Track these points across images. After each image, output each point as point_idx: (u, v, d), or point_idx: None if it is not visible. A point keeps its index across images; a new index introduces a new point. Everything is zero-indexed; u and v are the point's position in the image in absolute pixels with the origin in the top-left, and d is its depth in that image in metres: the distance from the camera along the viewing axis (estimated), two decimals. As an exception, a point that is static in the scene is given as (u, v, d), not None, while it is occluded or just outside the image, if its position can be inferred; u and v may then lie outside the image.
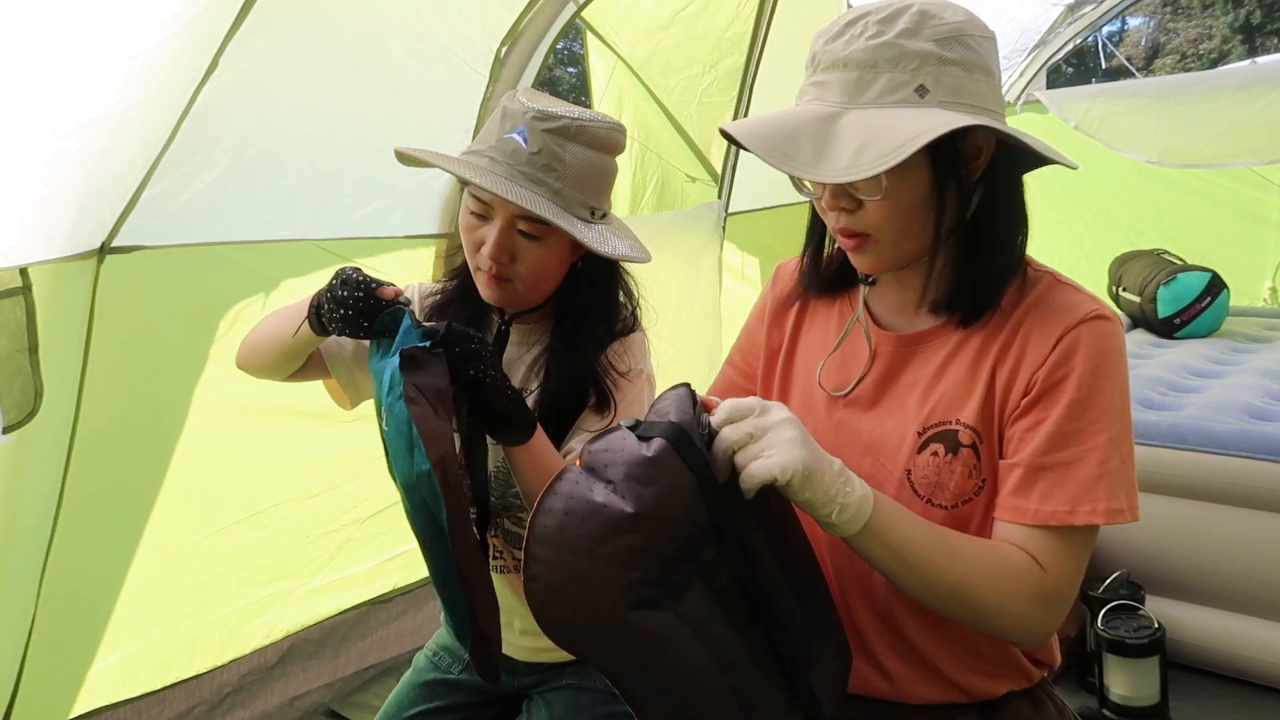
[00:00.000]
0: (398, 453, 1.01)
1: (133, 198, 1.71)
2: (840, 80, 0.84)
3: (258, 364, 1.29)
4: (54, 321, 1.60)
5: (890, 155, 0.78)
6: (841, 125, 0.82)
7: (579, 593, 0.74)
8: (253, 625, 2.12)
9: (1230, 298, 3.38)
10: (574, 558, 0.73)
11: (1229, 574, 2.19)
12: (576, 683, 1.34)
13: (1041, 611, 0.84)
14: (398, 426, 0.99)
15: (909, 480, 0.91)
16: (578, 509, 0.73)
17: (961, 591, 0.82)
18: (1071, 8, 3.88)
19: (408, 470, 1.00)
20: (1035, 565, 0.84)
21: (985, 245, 0.90)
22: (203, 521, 2.00)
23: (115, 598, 1.88)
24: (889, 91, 0.82)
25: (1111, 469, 0.83)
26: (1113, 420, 0.84)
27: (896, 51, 0.82)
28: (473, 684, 1.38)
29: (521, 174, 1.14)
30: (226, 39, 1.71)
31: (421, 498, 1.00)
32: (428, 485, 0.98)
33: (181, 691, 2.01)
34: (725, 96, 3.33)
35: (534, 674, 1.36)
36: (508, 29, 2.35)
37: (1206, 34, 14.56)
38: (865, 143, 0.79)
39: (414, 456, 0.98)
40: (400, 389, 0.99)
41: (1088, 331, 0.86)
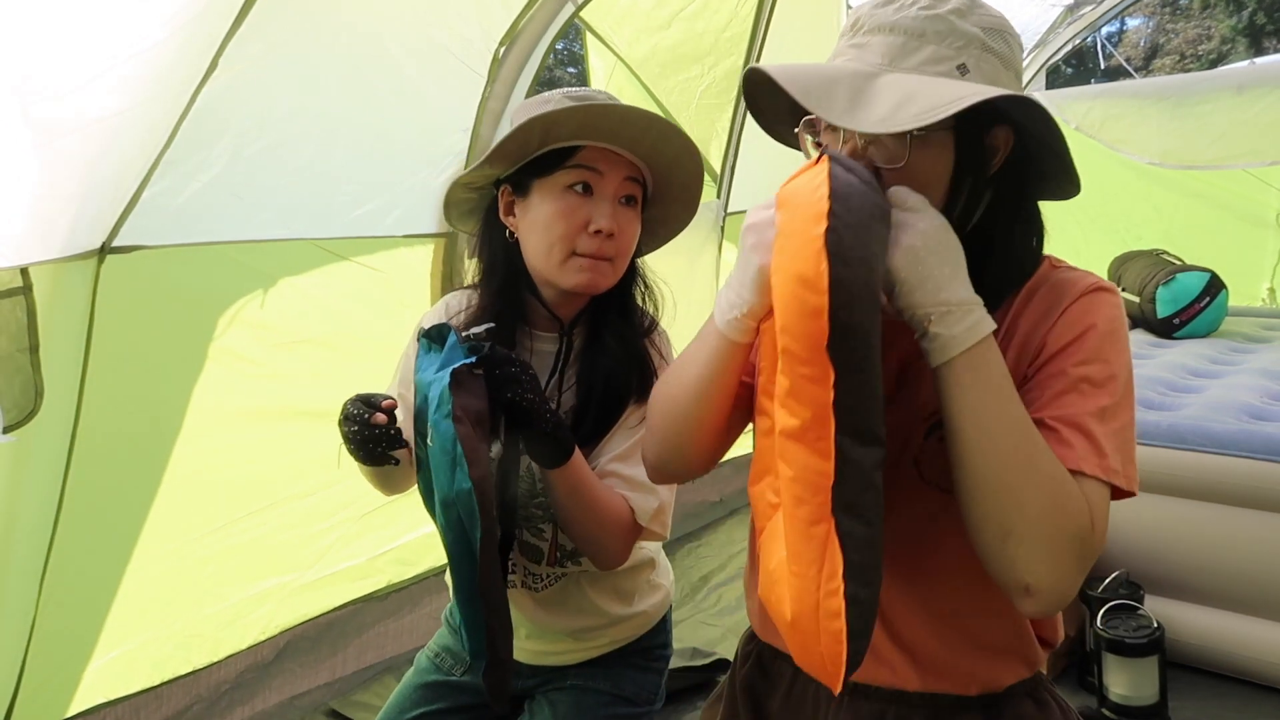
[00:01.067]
0: (439, 469, 1.02)
1: (133, 198, 1.71)
2: (884, 43, 0.83)
3: (382, 491, 1.37)
4: (54, 321, 1.60)
5: (931, 112, 0.76)
6: (880, 83, 0.81)
7: (865, 264, 0.71)
8: (248, 620, 2.12)
9: (1229, 298, 3.38)
10: (869, 221, 0.72)
11: (1228, 574, 2.19)
12: (580, 683, 1.34)
13: (1076, 553, 0.76)
14: (442, 444, 1.01)
15: (916, 468, 0.90)
16: (864, 189, 0.73)
17: (1015, 481, 0.75)
18: (1071, 8, 3.89)
19: (448, 487, 1.01)
20: (1086, 504, 0.78)
21: (991, 249, 0.89)
22: (200, 520, 2.00)
23: (115, 595, 1.88)
24: (932, 63, 0.82)
25: (1120, 433, 0.81)
26: (1118, 386, 0.83)
27: (946, 26, 0.83)
28: (474, 686, 1.38)
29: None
30: (226, 39, 1.71)
31: (458, 515, 1.02)
32: (466, 504, 1.00)
33: (179, 688, 2.01)
34: (724, 97, 3.33)
35: (538, 675, 1.36)
36: (506, 29, 2.36)
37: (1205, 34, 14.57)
38: (905, 99, 0.78)
39: (456, 474, 1.00)
40: (449, 407, 1.00)
41: (1094, 300, 0.87)
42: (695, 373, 0.92)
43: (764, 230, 0.81)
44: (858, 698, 0.95)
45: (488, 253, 1.29)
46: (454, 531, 1.03)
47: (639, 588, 1.38)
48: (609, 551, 1.22)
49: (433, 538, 2.44)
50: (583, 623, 1.33)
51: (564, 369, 1.27)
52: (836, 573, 0.71)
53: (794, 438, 0.73)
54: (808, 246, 0.70)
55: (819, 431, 0.71)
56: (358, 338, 2.17)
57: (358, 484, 2.24)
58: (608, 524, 1.19)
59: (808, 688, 0.98)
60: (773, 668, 1.03)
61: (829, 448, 0.70)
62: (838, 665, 0.72)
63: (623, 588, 1.36)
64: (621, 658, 1.37)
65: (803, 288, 0.70)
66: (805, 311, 0.70)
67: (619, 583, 1.35)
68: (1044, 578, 0.76)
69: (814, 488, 0.72)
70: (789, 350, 0.72)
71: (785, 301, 0.72)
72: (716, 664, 2.31)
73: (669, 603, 1.45)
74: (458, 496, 1.01)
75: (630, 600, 1.36)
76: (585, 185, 1.18)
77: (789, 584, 0.75)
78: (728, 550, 3.14)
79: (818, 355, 0.70)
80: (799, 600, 0.74)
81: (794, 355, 0.72)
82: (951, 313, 0.76)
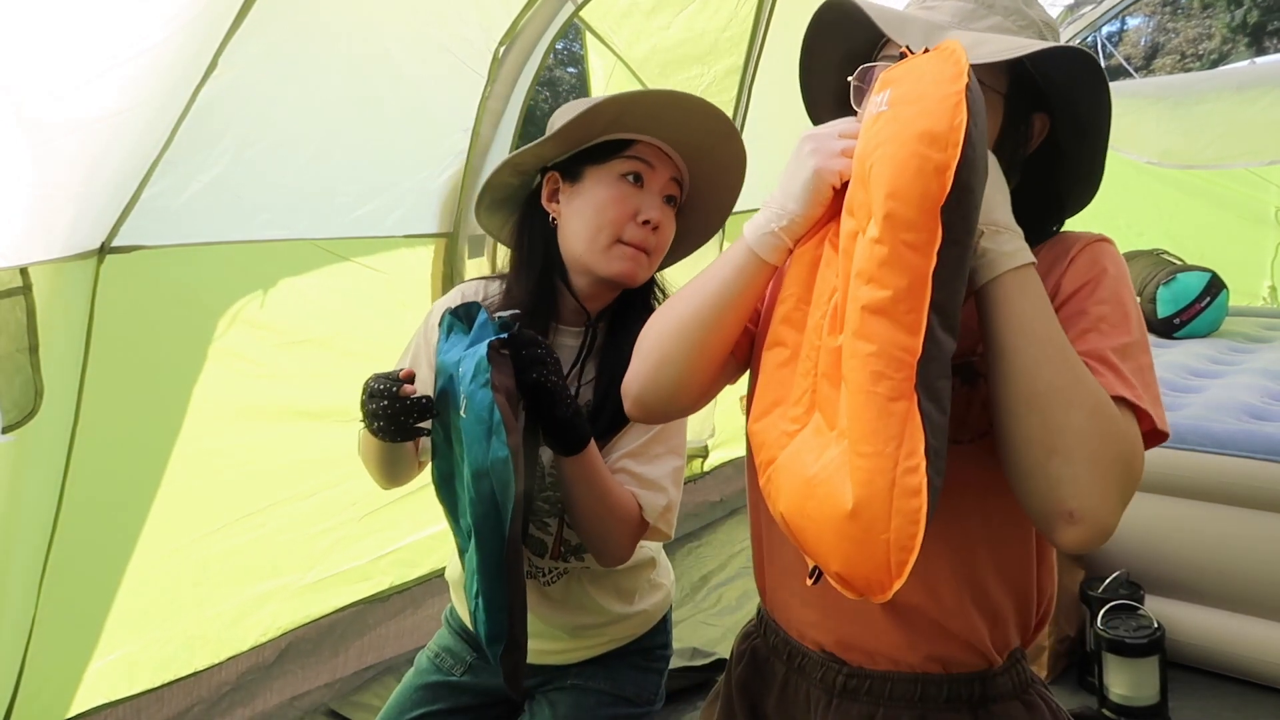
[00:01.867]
0: (473, 440, 1.03)
1: (132, 197, 1.71)
2: (954, 6, 0.88)
3: (385, 483, 1.34)
4: (54, 321, 1.60)
5: (1005, 51, 0.80)
6: (950, 33, 0.85)
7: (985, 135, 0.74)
8: (249, 621, 2.12)
9: (1230, 298, 3.38)
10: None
11: (1229, 574, 2.19)
12: (580, 683, 1.34)
13: (1120, 475, 0.74)
14: (477, 413, 1.02)
15: None
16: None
17: (1059, 398, 0.74)
18: (1071, 7, 3.89)
19: (483, 456, 1.01)
20: (1130, 427, 0.77)
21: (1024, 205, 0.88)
22: (200, 520, 2.00)
23: (114, 595, 1.88)
24: (996, 30, 0.87)
25: (1143, 372, 0.81)
26: (1134, 327, 0.83)
27: (1014, 4, 0.88)
28: (475, 686, 1.37)
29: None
30: (226, 39, 1.71)
31: (490, 486, 1.02)
32: (501, 472, 1.00)
33: (180, 689, 2.01)
34: (724, 96, 3.33)
35: (538, 675, 1.36)
36: (506, 29, 2.36)
37: (1206, 34, 14.56)
38: (976, 43, 0.82)
39: (491, 443, 1.01)
40: (486, 376, 1.02)
41: (1102, 249, 0.88)
42: (712, 291, 0.91)
43: (826, 140, 0.83)
44: (846, 699, 0.95)
45: (527, 238, 1.30)
46: (484, 504, 1.03)
47: (640, 587, 1.38)
48: (614, 546, 1.21)
49: (434, 539, 2.46)
50: (583, 620, 1.33)
51: (585, 361, 1.28)
52: (918, 450, 0.69)
53: (880, 312, 0.72)
54: (943, 103, 0.70)
55: (911, 304, 0.70)
56: (358, 338, 2.17)
57: (359, 485, 2.26)
58: (616, 518, 1.19)
59: (800, 687, 0.98)
60: (766, 667, 1.02)
61: (920, 321, 0.70)
62: (906, 552, 0.70)
63: (623, 586, 1.36)
64: (621, 657, 1.37)
65: (927, 145, 0.70)
66: (926, 170, 0.70)
67: (620, 581, 1.35)
68: (1088, 500, 0.74)
69: (898, 363, 0.70)
70: (893, 214, 0.71)
71: (901, 162, 0.71)
72: (716, 664, 2.31)
73: (669, 602, 1.45)
74: (493, 465, 1.01)
75: (631, 599, 1.36)
76: (637, 176, 1.23)
77: (856, 467, 0.72)
78: (728, 550, 3.14)
79: (928, 218, 0.70)
80: (869, 483, 0.71)
81: (898, 219, 0.71)
82: (1001, 233, 0.78)
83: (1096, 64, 0.85)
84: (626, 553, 1.23)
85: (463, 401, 1.06)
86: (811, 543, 0.78)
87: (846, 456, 0.74)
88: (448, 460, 1.15)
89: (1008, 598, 0.92)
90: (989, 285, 0.78)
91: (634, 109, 1.21)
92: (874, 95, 0.78)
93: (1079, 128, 0.90)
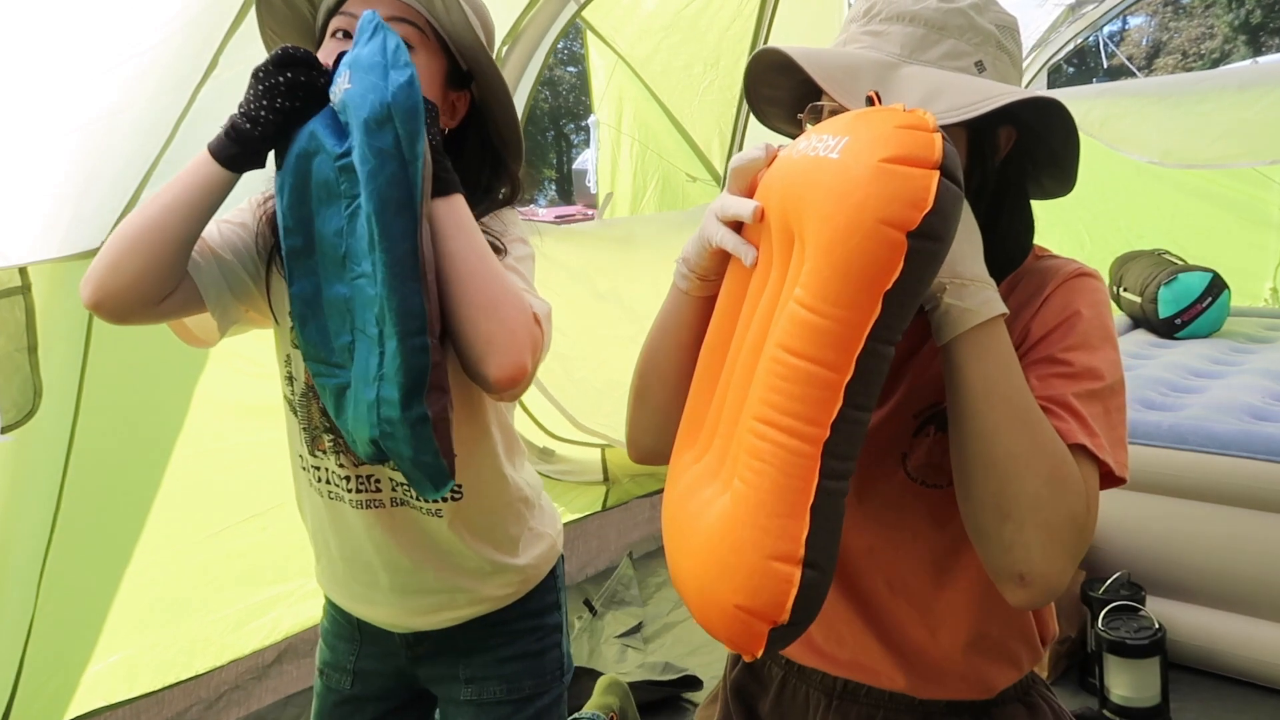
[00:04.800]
0: (365, 88, 0.86)
1: (133, 197, 1.71)
2: (903, 34, 0.82)
3: (137, 273, 0.94)
4: (53, 321, 1.60)
5: (964, 109, 0.76)
6: (903, 74, 0.80)
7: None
8: (252, 627, 2.12)
9: (1231, 298, 3.38)
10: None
11: (1229, 574, 2.19)
12: (477, 698, 1.19)
13: (1071, 539, 0.74)
14: (369, 58, 0.87)
15: (904, 465, 0.89)
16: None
17: (1015, 464, 0.73)
18: (1072, 7, 3.88)
19: (381, 94, 0.85)
20: (1084, 484, 0.76)
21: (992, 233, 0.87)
22: (203, 522, 2.00)
23: (113, 597, 1.88)
24: (951, 57, 0.82)
25: (1108, 417, 0.80)
26: (1105, 371, 0.82)
27: (966, 21, 0.82)
28: (367, 693, 1.24)
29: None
30: (226, 38, 1.71)
31: (394, 135, 0.85)
32: (407, 99, 0.85)
33: (180, 691, 2.01)
34: (725, 96, 3.33)
35: (417, 658, 1.20)
36: (508, 28, 2.36)
37: (1208, 33, 14.55)
38: (932, 93, 0.77)
39: (390, 76, 0.85)
40: (383, 28, 0.89)
41: (1078, 285, 0.86)
42: (659, 325, 0.91)
43: (716, 209, 0.80)
44: (846, 701, 0.94)
45: None
46: (387, 164, 0.85)
47: (521, 534, 1.18)
48: (509, 339, 0.92)
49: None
50: (455, 570, 1.13)
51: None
52: (799, 536, 0.66)
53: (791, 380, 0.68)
54: (908, 183, 0.64)
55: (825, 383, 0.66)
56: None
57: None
58: (505, 291, 0.94)
59: (798, 690, 0.98)
60: (762, 671, 1.02)
61: (834, 399, 0.66)
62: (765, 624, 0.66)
63: (502, 531, 1.15)
64: (510, 643, 1.20)
65: (885, 222, 0.64)
66: (879, 247, 0.64)
67: (499, 524, 1.15)
68: (1038, 564, 0.74)
69: (801, 439, 0.67)
70: (827, 283, 0.66)
71: (847, 230, 0.65)
72: (685, 680, 2.30)
73: (557, 553, 1.24)
74: (395, 96, 0.84)
75: (511, 549, 1.16)
76: (346, 34, 1.01)
77: (735, 535, 0.69)
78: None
79: (867, 298, 0.65)
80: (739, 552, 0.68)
81: (830, 291, 0.66)
82: (966, 286, 0.75)
83: (1063, 110, 0.81)
84: (522, 359, 0.93)
85: (342, 75, 0.89)
86: (680, 582, 0.77)
87: (730, 517, 0.70)
88: (312, 276, 0.96)
89: (1008, 634, 0.92)
90: (952, 343, 0.76)
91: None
92: (818, 135, 0.71)
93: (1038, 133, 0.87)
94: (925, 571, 0.90)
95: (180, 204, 0.95)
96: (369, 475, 1.09)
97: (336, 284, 0.94)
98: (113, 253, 0.94)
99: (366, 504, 1.10)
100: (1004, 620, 0.91)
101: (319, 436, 1.10)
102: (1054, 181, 0.91)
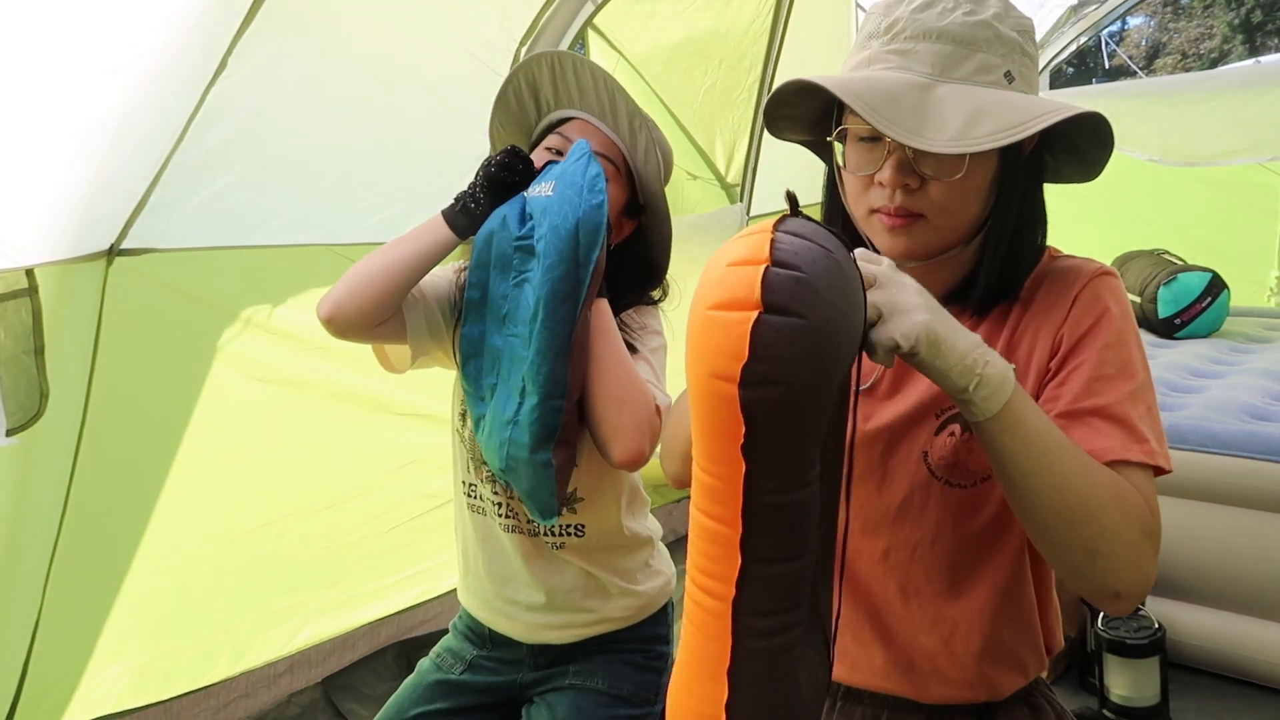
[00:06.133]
0: (562, 200, 1.10)
1: (142, 199, 1.71)
2: (932, 52, 0.82)
3: (368, 301, 1.18)
4: (61, 323, 1.60)
5: (1011, 131, 0.77)
6: (939, 96, 0.80)
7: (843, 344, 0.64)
8: (266, 638, 2.10)
9: (1231, 297, 3.38)
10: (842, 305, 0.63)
11: (1229, 574, 2.19)
12: (578, 683, 1.33)
13: (1150, 547, 0.78)
14: (570, 177, 1.12)
15: (925, 462, 0.90)
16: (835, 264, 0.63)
17: (1089, 506, 0.76)
18: (1074, 8, 3.89)
19: (576, 206, 1.09)
20: (1142, 498, 0.79)
21: (1014, 237, 0.89)
22: (211, 529, 1.98)
23: (114, 603, 1.87)
24: (982, 71, 0.82)
25: (1150, 414, 0.83)
26: (1139, 368, 0.84)
27: (992, 33, 0.82)
28: (474, 684, 1.37)
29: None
30: (236, 39, 1.71)
31: (575, 243, 1.09)
32: (593, 217, 1.09)
33: (188, 701, 2.00)
34: (737, 95, 3.32)
35: (537, 668, 1.35)
36: (526, 28, 2.33)
37: (1207, 33, 14.53)
38: (975, 116, 0.78)
39: (584, 196, 1.09)
40: (589, 153, 1.15)
41: (1103, 284, 0.87)
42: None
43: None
44: (850, 702, 0.95)
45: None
46: (563, 266, 1.09)
47: (639, 567, 1.36)
48: (631, 424, 1.14)
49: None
50: (583, 593, 1.31)
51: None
52: (718, 699, 0.64)
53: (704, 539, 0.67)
54: (727, 332, 0.60)
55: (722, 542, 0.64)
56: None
57: (381, 497, 2.22)
58: (633, 390, 1.16)
59: None
60: None
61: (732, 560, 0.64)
62: None
63: (621, 565, 1.34)
64: (619, 654, 1.36)
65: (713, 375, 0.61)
66: (717, 399, 0.61)
67: (618, 560, 1.34)
68: (1130, 581, 0.78)
69: (712, 598, 0.65)
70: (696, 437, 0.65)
71: (695, 385, 0.63)
72: None
73: (669, 593, 1.42)
74: (585, 216, 1.08)
75: (631, 579, 1.35)
76: (559, 152, 1.26)
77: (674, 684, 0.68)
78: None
79: (727, 453, 0.61)
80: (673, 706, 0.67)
81: (698, 447, 0.65)
82: (981, 375, 0.74)
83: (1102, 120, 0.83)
84: (640, 445, 1.14)
85: (547, 181, 1.15)
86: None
87: (674, 678, 0.71)
88: (480, 323, 1.20)
89: (1019, 642, 0.93)
90: (984, 426, 0.76)
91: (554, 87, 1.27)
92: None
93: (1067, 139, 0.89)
94: (941, 578, 0.91)
95: (414, 255, 1.20)
96: (509, 502, 1.28)
97: (495, 335, 1.18)
98: (350, 282, 1.19)
99: (512, 529, 1.29)
100: (1016, 629, 0.92)
101: (481, 465, 1.28)
102: (1074, 171, 0.92)
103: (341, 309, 1.18)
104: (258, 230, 1.94)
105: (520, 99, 1.32)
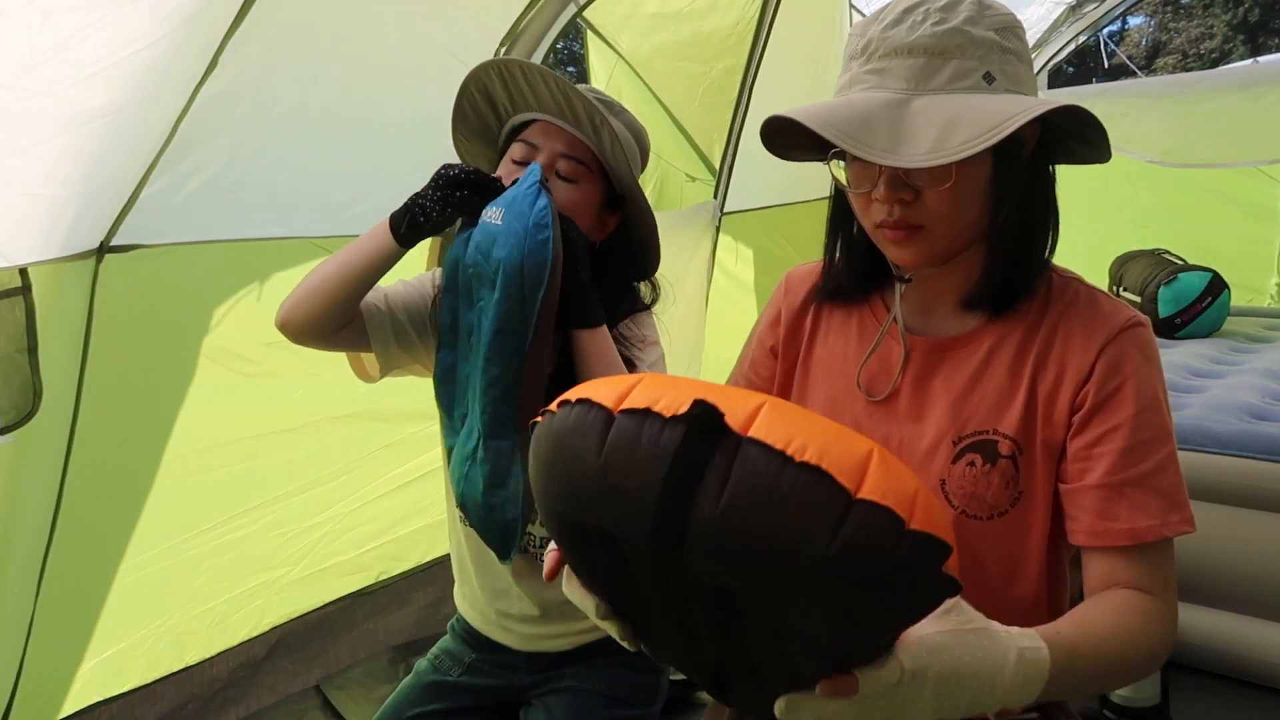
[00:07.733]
0: (509, 233, 1.08)
1: (131, 196, 1.71)
2: (905, 66, 0.82)
3: (316, 309, 1.19)
4: (53, 322, 1.60)
5: (984, 137, 0.77)
6: (913, 110, 0.80)
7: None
8: (239, 616, 2.12)
9: (1231, 297, 3.38)
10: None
11: (1230, 574, 2.19)
12: (575, 685, 1.33)
13: (1169, 641, 0.82)
14: (518, 209, 1.09)
15: (943, 490, 0.89)
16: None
17: (1126, 674, 0.81)
18: (1073, 8, 3.88)
19: (521, 242, 1.06)
20: (1147, 598, 0.81)
21: (1023, 237, 0.89)
22: (193, 518, 2.01)
23: (108, 594, 1.88)
24: (958, 78, 0.82)
25: (1179, 473, 0.85)
26: (1170, 428, 0.85)
27: (964, 38, 0.82)
28: (471, 686, 1.37)
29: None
30: (226, 38, 1.71)
31: (520, 281, 1.06)
32: (535, 260, 1.06)
33: (173, 685, 2.01)
34: (725, 97, 3.32)
35: (533, 673, 1.35)
36: (508, 29, 2.35)
37: (1207, 33, 14.54)
38: (948, 126, 0.78)
39: (531, 233, 1.07)
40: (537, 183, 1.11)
41: (1131, 340, 0.86)
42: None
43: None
44: None
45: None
46: (507, 304, 1.07)
47: None
48: None
49: (419, 533, 2.45)
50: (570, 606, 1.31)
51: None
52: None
53: None
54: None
55: None
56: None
57: (351, 480, 2.25)
58: None
59: None
60: None
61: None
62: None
63: None
64: (617, 656, 1.34)
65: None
66: None
67: None
68: (1147, 672, 0.83)
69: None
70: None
71: None
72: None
73: None
74: (528, 254, 1.05)
75: None
76: (526, 160, 1.23)
77: None
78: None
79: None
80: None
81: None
82: (1012, 688, 0.68)
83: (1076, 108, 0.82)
84: None
85: (499, 207, 1.11)
86: None
87: None
88: (452, 350, 1.19)
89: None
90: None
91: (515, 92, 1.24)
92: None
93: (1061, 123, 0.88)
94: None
95: (358, 263, 1.18)
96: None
97: (465, 362, 1.18)
98: (303, 289, 1.20)
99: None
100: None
101: None
102: (1091, 153, 0.91)
103: (292, 317, 1.20)
104: (242, 224, 1.94)
105: (477, 109, 1.31)
